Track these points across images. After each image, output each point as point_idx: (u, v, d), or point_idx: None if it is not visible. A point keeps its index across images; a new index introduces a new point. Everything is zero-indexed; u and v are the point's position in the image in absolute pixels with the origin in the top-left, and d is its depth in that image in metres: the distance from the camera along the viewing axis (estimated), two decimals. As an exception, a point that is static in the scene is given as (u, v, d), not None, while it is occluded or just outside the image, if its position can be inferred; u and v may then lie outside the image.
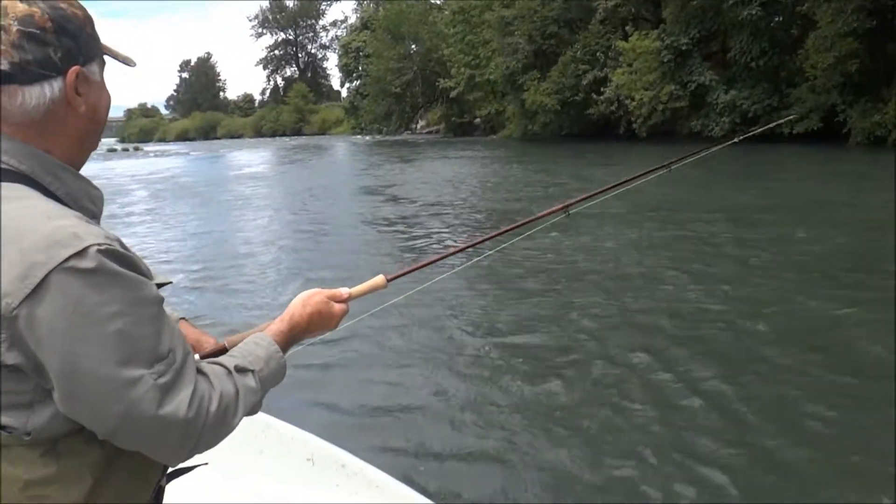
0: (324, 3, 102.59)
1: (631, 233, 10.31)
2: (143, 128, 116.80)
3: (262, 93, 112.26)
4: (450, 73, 48.42)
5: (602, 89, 31.51)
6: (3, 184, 1.10)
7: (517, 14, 36.39)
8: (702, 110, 28.34)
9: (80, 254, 1.01)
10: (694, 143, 27.15)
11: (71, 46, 1.14)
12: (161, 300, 1.13)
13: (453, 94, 48.34)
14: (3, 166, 1.12)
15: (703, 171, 15.26)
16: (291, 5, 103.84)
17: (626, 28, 31.67)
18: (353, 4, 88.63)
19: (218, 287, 8.56)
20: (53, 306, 1.00)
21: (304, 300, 1.42)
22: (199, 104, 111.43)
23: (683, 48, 28.27)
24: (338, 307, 1.46)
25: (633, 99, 29.62)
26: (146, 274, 1.12)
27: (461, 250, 1.86)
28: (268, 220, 14.62)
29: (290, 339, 1.37)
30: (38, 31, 1.10)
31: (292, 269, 9.46)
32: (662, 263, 8.38)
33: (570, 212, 1.98)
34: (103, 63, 1.24)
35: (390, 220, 13.24)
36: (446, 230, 11.68)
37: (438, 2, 63.95)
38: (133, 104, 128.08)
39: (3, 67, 1.08)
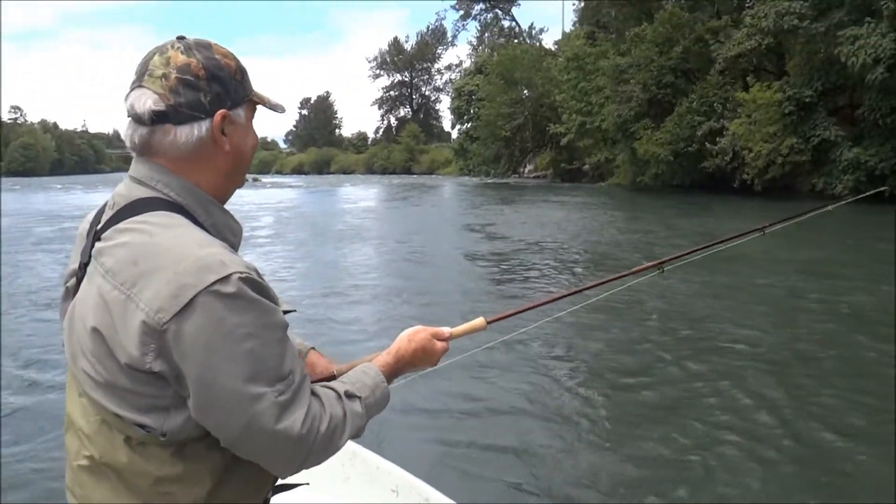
0: (440, 48, 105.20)
1: (725, 285, 10.13)
2: (262, 160, 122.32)
3: (376, 131, 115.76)
4: (560, 119, 48.43)
5: (718, 139, 30.70)
6: (162, 212, 1.24)
7: (633, 62, 36.11)
8: (824, 167, 27.08)
9: (225, 279, 1.13)
10: (813, 201, 25.99)
11: (220, 92, 1.27)
12: (286, 326, 1.24)
13: (564, 140, 48.28)
14: (163, 196, 1.27)
15: (809, 232, 14.70)
16: (409, 48, 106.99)
17: (747, 79, 30.81)
18: (468, 49, 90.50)
19: (327, 316, 8.83)
20: (198, 323, 1.12)
21: (410, 336, 1.52)
22: (316, 140, 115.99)
23: (807, 100, 27.19)
24: (440, 345, 1.55)
25: (750, 150, 28.66)
26: (276, 301, 1.23)
27: (558, 298, 1.93)
28: (376, 254, 14.99)
29: (395, 371, 1.48)
30: (192, 79, 1.25)
31: (397, 304, 9.67)
32: (755, 315, 8.39)
33: (665, 269, 2.06)
34: (252, 108, 1.38)
35: (493, 261, 13.34)
36: (547, 275, 11.71)
37: (553, 48, 64.51)
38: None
39: (160, 108, 1.24)
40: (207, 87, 1.26)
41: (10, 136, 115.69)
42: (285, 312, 1.29)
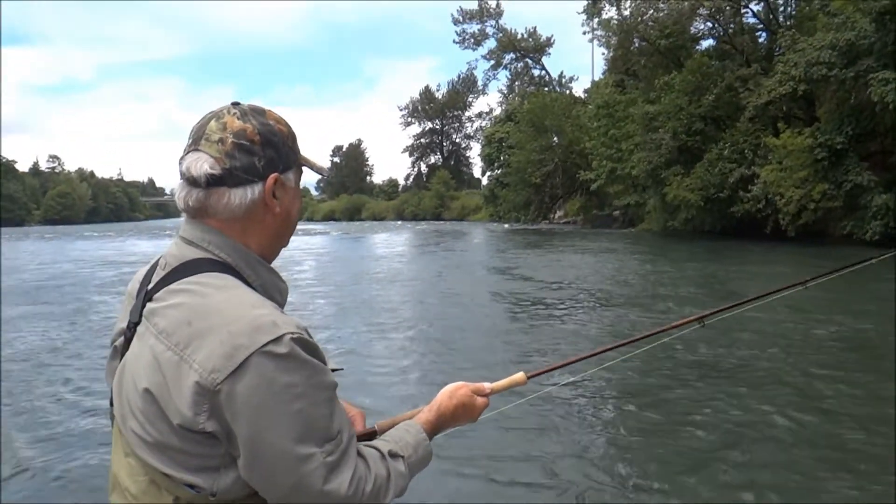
0: (471, 96, 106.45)
1: (766, 335, 9.88)
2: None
3: (406, 178, 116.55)
4: (590, 166, 48.58)
5: (750, 187, 30.65)
6: (215, 273, 1.27)
7: (662, 110, 36.39)
8: (856, 212, 26.98)
9: (277, 340, 1.16)
10: (845, 247, 25.72)
11: (273, 157, 1.32)
12: (335, 385, 1.25)
13: (594, 186, 48.41)
14: (214, 257, 1.30)
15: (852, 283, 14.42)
16: (440, 97, 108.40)
17: (778, 125, 30.87)
18: (498, 97, 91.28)
19: (367, 367, 8.69)
20: (251, 383, 1.14)
21: (451, 392, 1.54)
22: (347, 187, 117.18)
23: (838, 147, 27.14)
24: (480, 401, 1.56)
25: (781, 196, 28.60)
26: (325, 361, 1.24)
27: (600, 353, 1.94)
28: (413, 302, 14.97)
29: (436, 427, 1.48)
30: (247, 143, 1.29)
31: (432, 356, 9.51)
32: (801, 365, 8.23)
33: (705, 323, 2.08)
34: (300, 172, 1.42)
35: (531, 311, 13.11)
36: (583, 326, 11.52)
37: (583, 96, 65.07)
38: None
39: (216, 172, 1.27)
40: (262, 152, 1.29)
41: (49, 185, 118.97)
42: (333, 371, 1.31)
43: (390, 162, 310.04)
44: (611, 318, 12.38)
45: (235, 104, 1.34)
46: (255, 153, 1.29)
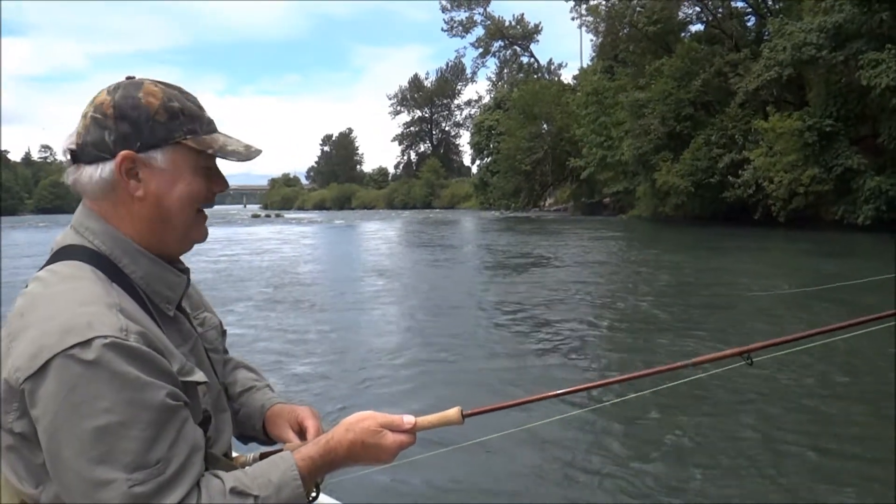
0: (459, 84, 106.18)
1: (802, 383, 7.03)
2: (284, 196, 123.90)
3: (396, 167, 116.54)
4: (580, 153, 48.51)
5: (740, 172, 30.58)
6: (74, 262, 1.17)
7: (651, 97, 36.26)
8: (847, 196, 26.89)
9: (85, 344, 1.02)
10: (837, 231, 25.61)
11: (127, 132, 1.18)
12: (166, 406, 1.07)
13: (584, 174, 48.33)
14: (89, 245, 1.20)
15: None
16: (429, 85, 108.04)
17: (767, 109, 30.76)
18: (487, 85, 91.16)
19: (305, 374, 7.87)
20: (50, 389, 1.02)
21: (350, 425, 1.25)
22: (337, 176, 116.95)
23: (828, 129, 27.03)
24: (392, 438, 1.25)
25: (771, 181, 28.51)
26: (167, 373, 1.10)
27: (573, 392, 1.55)
28: (383, 304, 13.48)
29: (320, 465, 1.22)
30: (100, 117, 1.19)
31: (392, 369, 8.11)
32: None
33: (753, 359, 1.49)
34: (186, 152, 1.23)
35: (510, 324, 10.62)
36: (559, 350, 8.80)
37: (572, 83, 64.90)
38: (277, 174, 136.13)
39: (72, 147, 1.20)
40: (113, 126, 1.18)
41: (41, 175, 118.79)
42: (197, 384, 1.17)
43: (380, 151, 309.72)
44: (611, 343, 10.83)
45: (128, 78, 1.24)
46: (106, 127, 1.18)
